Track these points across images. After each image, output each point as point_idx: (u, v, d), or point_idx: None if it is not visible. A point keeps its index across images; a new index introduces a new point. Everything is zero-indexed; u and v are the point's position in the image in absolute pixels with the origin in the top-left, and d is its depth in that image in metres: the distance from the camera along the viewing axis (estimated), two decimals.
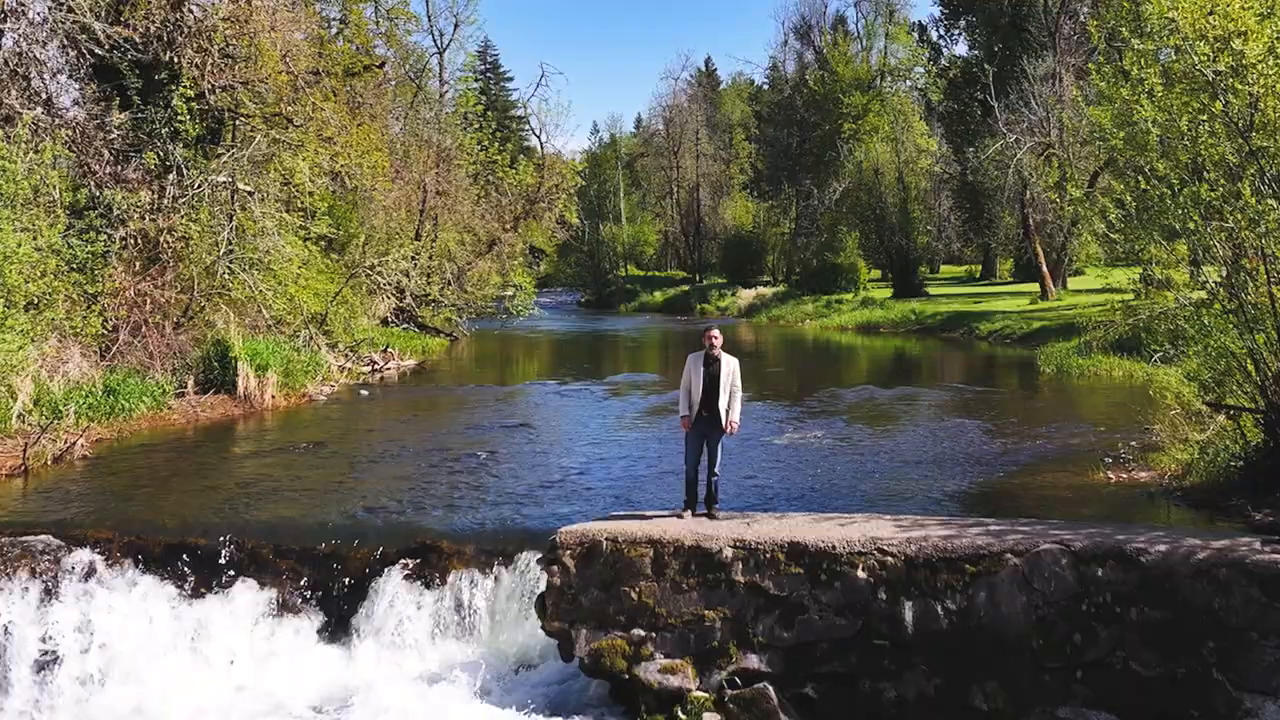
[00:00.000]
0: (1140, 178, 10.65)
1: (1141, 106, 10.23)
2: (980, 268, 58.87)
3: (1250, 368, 10.15)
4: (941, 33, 66.56)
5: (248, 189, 21.51)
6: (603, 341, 40.09)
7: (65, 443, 13.24)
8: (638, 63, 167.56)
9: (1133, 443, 12.91)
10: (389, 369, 25.28)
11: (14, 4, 15.77)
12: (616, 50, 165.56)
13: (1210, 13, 9.12)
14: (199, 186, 20.12)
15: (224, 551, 9.27)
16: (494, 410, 18.95)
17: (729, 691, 7.57)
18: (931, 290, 50.20)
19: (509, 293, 35.93)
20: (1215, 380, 10.78)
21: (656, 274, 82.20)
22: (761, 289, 57.22)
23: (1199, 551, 7.26)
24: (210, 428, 16.07)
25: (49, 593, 8.65)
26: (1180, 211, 9.91)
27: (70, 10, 16.31)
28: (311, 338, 22.91)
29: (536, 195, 36.33)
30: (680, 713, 7.51)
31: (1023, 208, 43.04)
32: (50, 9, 16.12)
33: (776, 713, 7.44)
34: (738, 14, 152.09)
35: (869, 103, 59.75)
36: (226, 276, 20.38)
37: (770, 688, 7.51)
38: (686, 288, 66.95)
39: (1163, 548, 7.34)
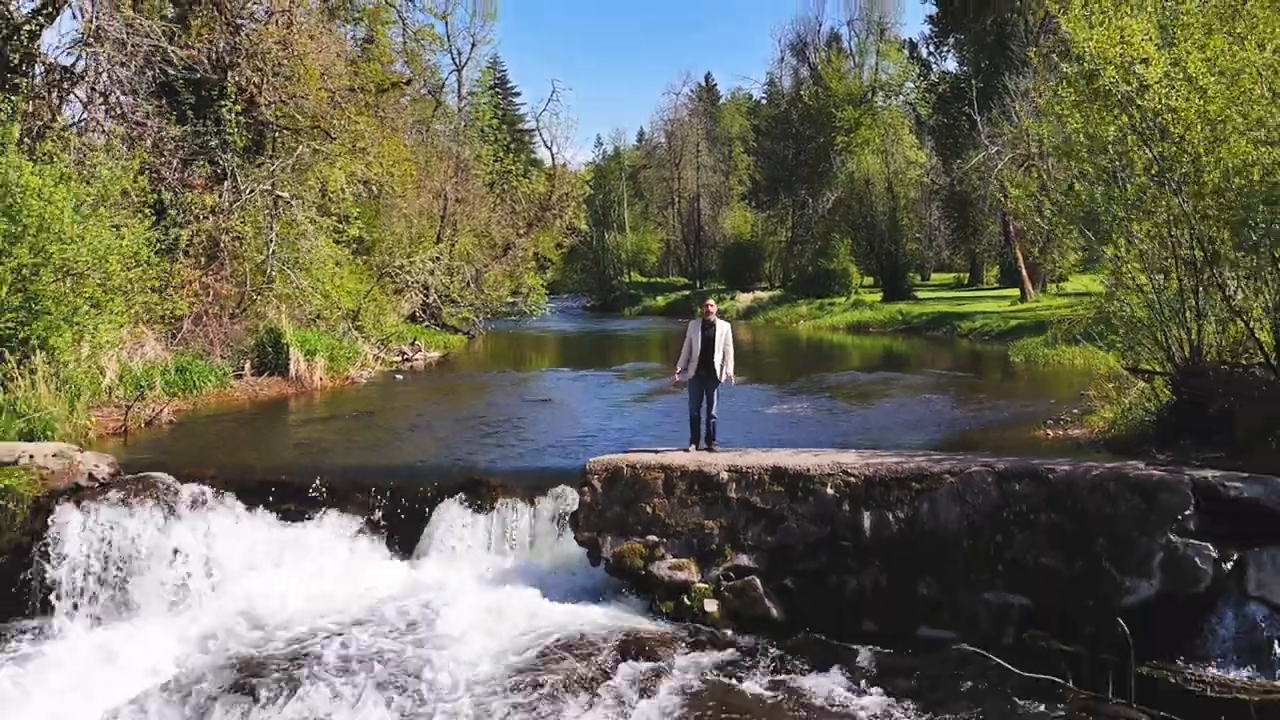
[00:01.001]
0: (1074, 179, 12.51)
1: (1071, 119, 12.06)
2: (968, 275, 60.56)
3: (1160, 337, 11.91)
4: (931, 50, 68.41)
5: (286, 196, 23.25)
6: (609, 339, 41.92)
7: (154, 410, 15.03)
8: (640, 78, 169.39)
9: (1075, 410, 14.69)
10: (417, 359, 27.03)
11: (97, 29, 17.52)
12: (620, 66, 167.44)
13: (1119, 43, 10.87)
14: (250, 192, 21.97)
15: (309, 486, 11.03)
16: (517, 391, 20.81)
17: (724, 583, 9.31)
18: (920, 295, 51.83)
19: (523, 293, 37.63)
20: (1132, 348, 12.52)
21: (659, 280, 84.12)
22: (759, 293, 58.98)
23: (1094, 470, 8.99)
24: (269, 402, 17.85)
25: (170, 515, 10.37)
26: (1104, 206, 11.71)
27: (147, 35, 18.10)
28: (348, 330, 24.68)
29: (548, 203, 38.20)
30: (686, 600, 9.25)
31: (1003, 215, 44.74)
32: (129, 34, 17.87)
33: (762, 599, 9.17)
34: (737, 32, 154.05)
35: (861, 116, 61.47)
36: (273, 273, 22.19)
37: (757, 580, 9.25)
38: (688, 293, 68.78)
39: (1066, 468, 9.08)
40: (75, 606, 9.79)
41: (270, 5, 22.97)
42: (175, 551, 10.12)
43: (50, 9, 18.60)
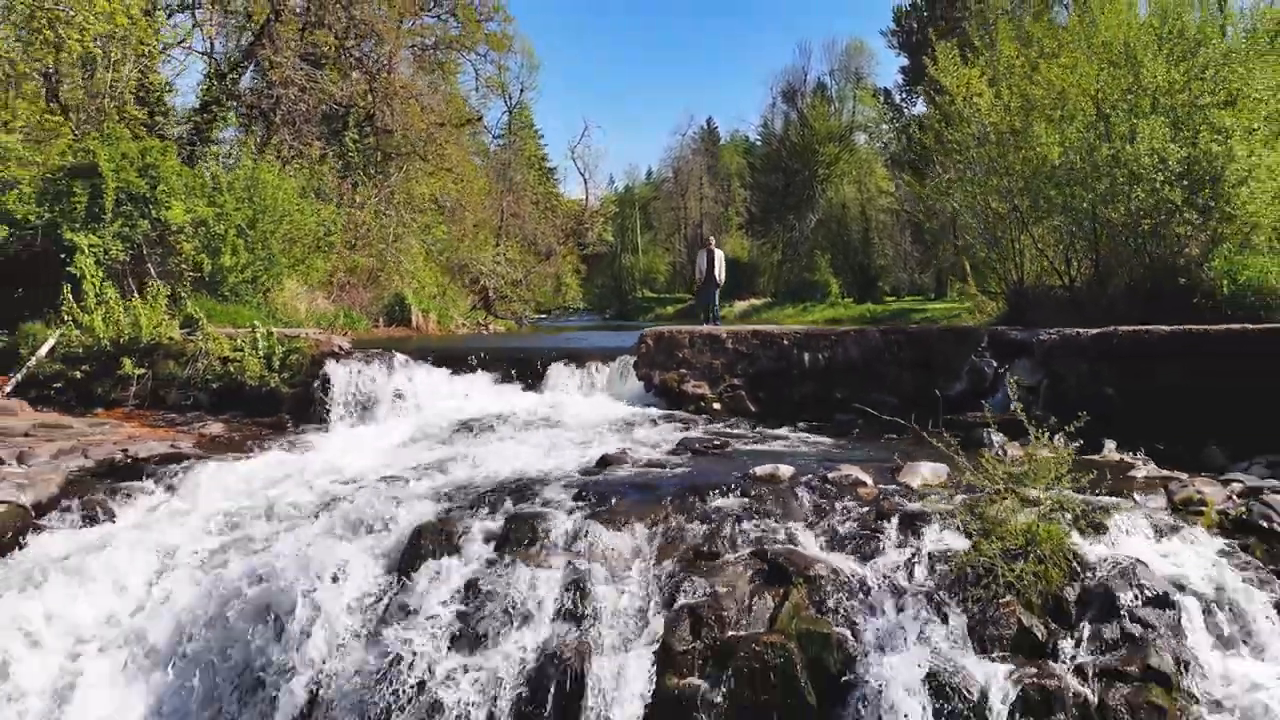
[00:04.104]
0: (952, 169, 18.15)
1: (945, 132, 17.71)
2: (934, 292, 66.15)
3: (999, 270, 17.48)
4: (903, 96, 74.32)
5: (384, 208, 28.95)
6: (631, 327, 47.77)
7: (340, 334, 20.65)
8: (650, 123, 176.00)
9: None
10: (489, 331, 32.67)
11: (286, 78, 23.27)
12: (631, 111, 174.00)
13: (964, 84, 16.52)
14: (373, 198, 27.71)
15: (468, 356, 16.58)
16: (579, 337, 26.49)
17: (725, 395, 14.83)
18: (889, 302, 57.46)
19: (563, 290, 43.41)
20: (984, 279, 18.11)
21: (667, 295, 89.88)
22: (753, 300, 64.72)
23: (935, 327, 14.53)
24: (403, 337, 23.48)
25: (390, 368, 15.90)
26: (960, 187, 17.33)
27: (317, 81, 23.87)
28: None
29: (582, 218, 44.00)
30: (702, 404, 14.76)
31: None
32: (305, 78, 23.63)
33: (745, 401, 14.67)
34: (735, 81, 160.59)
35: (840, 152, 67.35)
36: (388, 258, 27.91)
37: (743, 391, 14.77)
38: (693, 302, 74.68)
39: (920, 327, 14.63)
40: (340, 416, 15.33)
41: (384, 61, 28.83)
42: (395, 389, 15.69)
43: (245, 62, 24.36)
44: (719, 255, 16.71)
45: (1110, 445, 11.60)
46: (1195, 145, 13.53)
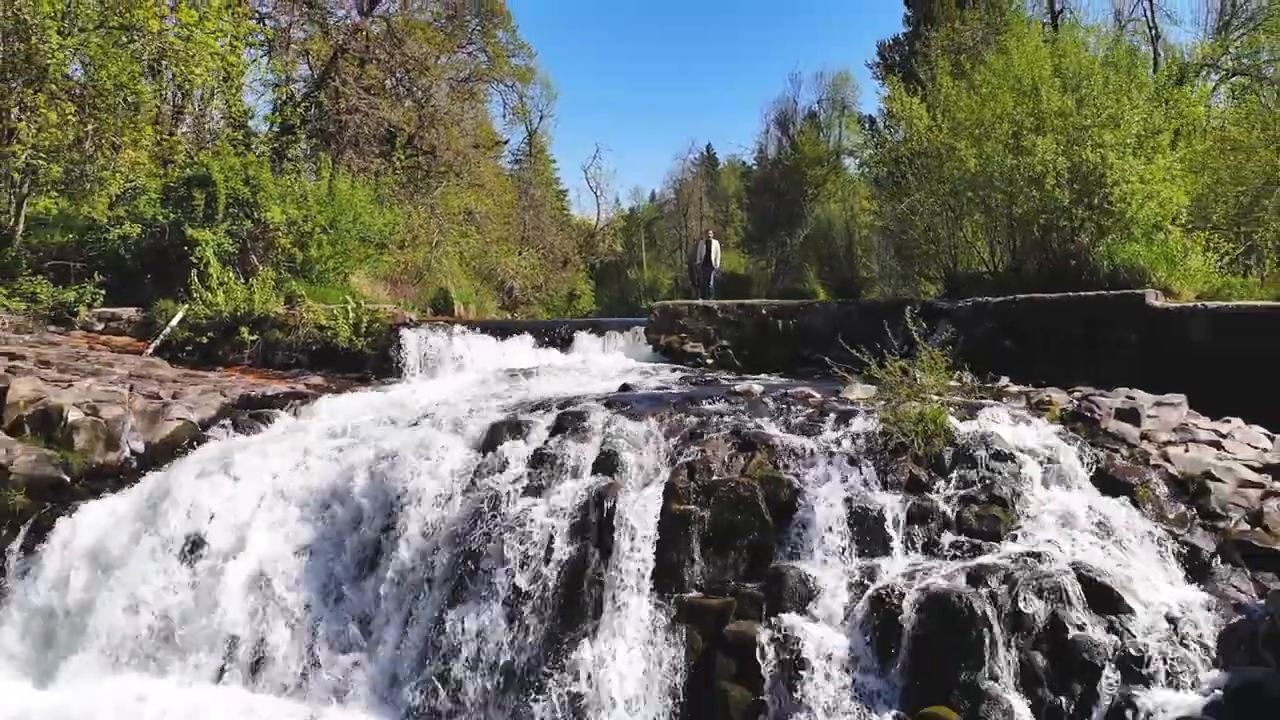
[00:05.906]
0: (904, 182, 21.32)
1: (895, 149, 20.90)
2: None
3: (938, 260, 20.62)
4: (886, 124, 77.54)
5: (428, 216, 32.15)
6: None
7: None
8: (652, 147, 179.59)
9: None
10: None
11: (352, 105, 26.55)
12: (634, 136, 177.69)
13: (908, 109, 19.71)
14: (419, 209, 30.95)
15: (511, 325, 19.75)
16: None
17: (716, 353, 17.96)
18: None
19: (577, 295, 46.65)
20: (925, 267, 21.26)
21: None
22: None
23: (879, 299, 17.67)
24: (448, 322, 26.61)
25: (450, 334, 19.05)
26: (908, 190, 20.48)
27: (378, 109, 27.14)
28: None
29: (594, 230, 47.23)
30: (697, 360, 17.89)
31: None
32: (367, 105, 26.90)
33: (733, 358, 17.78)
34: (732, 110, 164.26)
35: (827, 174, 70.60)
36: (431, 261, 31.12)
37: (730, 350, 17.88)
38: None
39: (868, 300, 17.78)
40: (413, 370, 18.48)
41: (427, 90, 32.14)
42: (455, 349, 18.84)
43: (315, 93, 27.66)
44: (715, 245, 20.15)
45: (1005, 380, 14.72)
46: (1081, 157, 16.71)
